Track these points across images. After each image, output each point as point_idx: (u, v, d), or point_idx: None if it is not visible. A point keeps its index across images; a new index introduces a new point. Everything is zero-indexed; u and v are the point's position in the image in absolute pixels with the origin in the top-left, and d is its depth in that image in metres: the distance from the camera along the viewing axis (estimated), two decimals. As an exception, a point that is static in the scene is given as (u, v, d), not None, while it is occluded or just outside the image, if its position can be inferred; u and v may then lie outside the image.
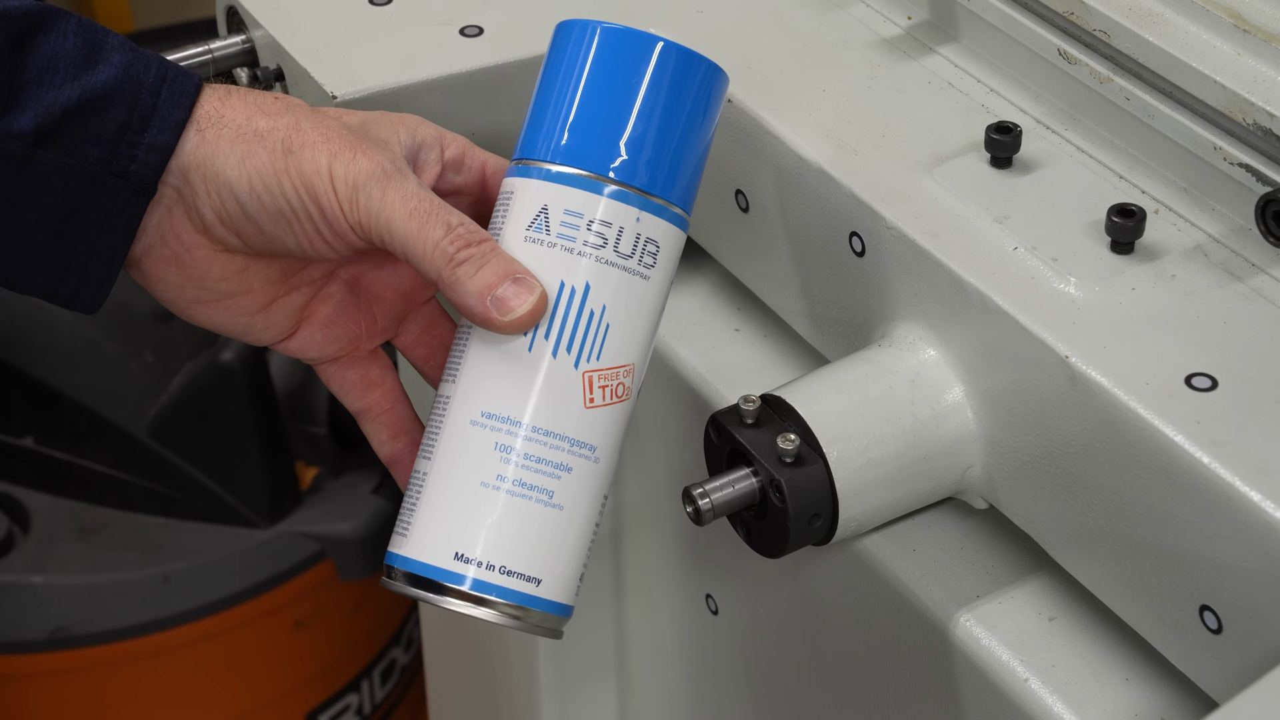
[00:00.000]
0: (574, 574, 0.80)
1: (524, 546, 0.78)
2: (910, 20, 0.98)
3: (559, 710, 1.21)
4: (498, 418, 0.78)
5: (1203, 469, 0.73)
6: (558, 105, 0.80)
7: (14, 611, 1.65)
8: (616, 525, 1.13)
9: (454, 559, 0.78)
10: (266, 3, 1.00)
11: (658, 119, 0.79)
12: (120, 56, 0.78)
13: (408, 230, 0.77)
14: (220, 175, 0.78)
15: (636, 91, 0.79)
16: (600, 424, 0.79)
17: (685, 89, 0.80)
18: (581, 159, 0.79)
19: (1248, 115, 0.82)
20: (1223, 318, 0.79)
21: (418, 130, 0.82)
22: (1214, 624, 0.74)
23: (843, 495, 0.83)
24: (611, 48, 0.80)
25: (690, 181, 0.81)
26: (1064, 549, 0.82)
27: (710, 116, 0.82)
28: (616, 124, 0.79)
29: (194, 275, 0.82)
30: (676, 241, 0.81)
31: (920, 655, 0.88)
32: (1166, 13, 0.86)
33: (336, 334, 0.86)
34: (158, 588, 1.66)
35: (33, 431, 1.73)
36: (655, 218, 0.79)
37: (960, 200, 0.86)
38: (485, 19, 0.99)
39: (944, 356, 0.85)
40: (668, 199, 0.80)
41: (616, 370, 0.79)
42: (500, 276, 0.77)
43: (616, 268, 0.79)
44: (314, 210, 0.78)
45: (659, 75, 0.80)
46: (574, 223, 0.78)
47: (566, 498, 0.79)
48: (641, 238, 0.79)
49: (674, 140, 0.80)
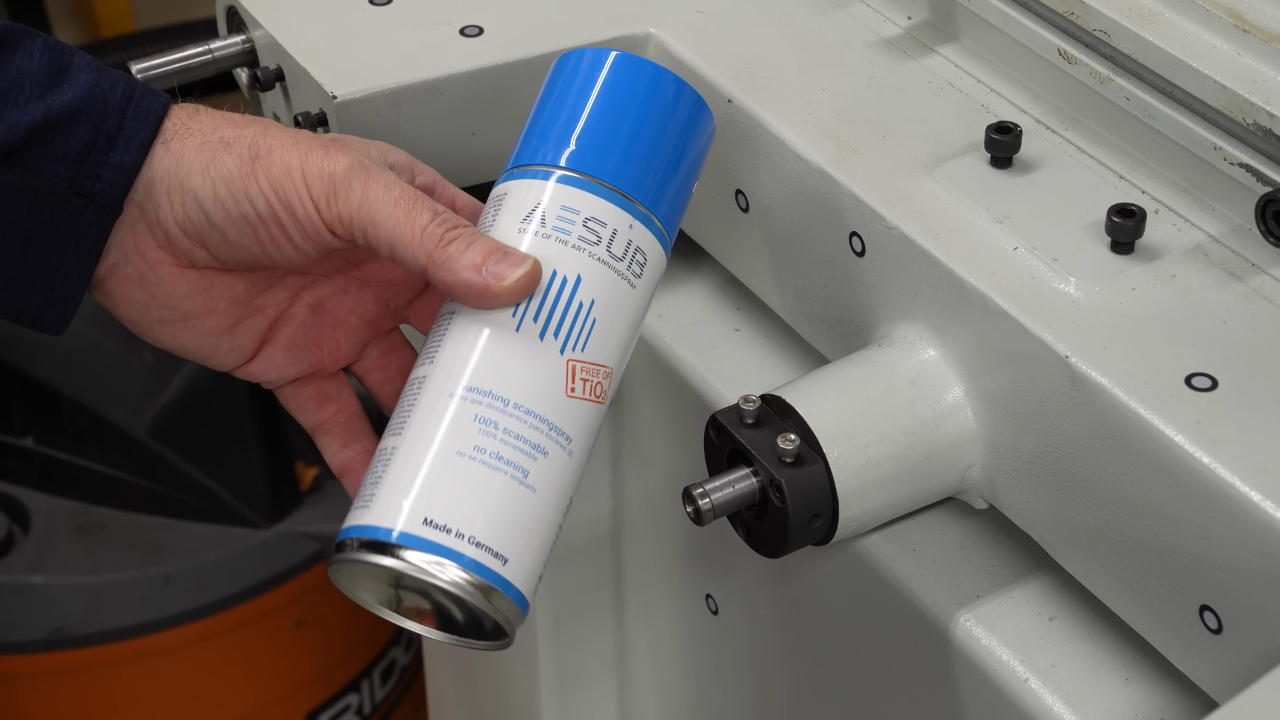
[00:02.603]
0: (538, 564, 0.78)
1: (496, 520, 0.76)
2: (910, 20, 0.98)
3: (559, 710, 1.21)
4: (479, 390, 0.77)
5: (1203, 469, 0.73)
6: (563, 118, 0.81)
7: (14, 611, 1.65)
8: (616, 525, 1.13)
9: (423, 524, 0.75)
10: (266, 3, 1.00)
11: (659, 142, 0.81)
12: (87, 76, 0.77)
13: (393, 217, 0.77)
14: (185, 184, 0.78)
15: (646, 115, 0.81)
16: (578, 416, 0.78)
17: (691, 124, 0.82)
18: (582, 164, 0.79)
19: (1248, 115, 0.82)
20: (1223, 318, 0.79)
21: (390, 153, 0.82)
22: (1214, 624, 0.74)
23: (843, 495, 0.83)
24: (627, 73, 0.82)
25: (676, 206, 0.82)
26: (1064, 549, 0.82)
27: (701, 154, 0.83)
28: (620, 139, 0.80)
29: (158, 294, 0.81)
30: (660, 260, 0.81)
31: (920, 655, 0.88)
32: (1166, 13, 0.86)
33: (298, 357, 0.85)
34: (158, 588, 1.66)
35: (33, 431, 1.73)
36: (646, 229, 0.80)
37: (960, 200, 0.86)
38: (485, 19, 0.99)
39: (944, 356, 0.85)
40: (658, 216, 0.81)
41: (597, 368, 0.79)
42: (491, 250, 0.77)
43: (608, 267, 0.79)
44: (283, 213, 0.77)
45: (667, 103, 0.81)
46: (570, 218, 0.79)
47: (540, 481, 0.77)
48: (633, 245, 0.79)
49: (670, 165, 0.81)
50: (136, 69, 0.99)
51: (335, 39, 0.98)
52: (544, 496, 0.77)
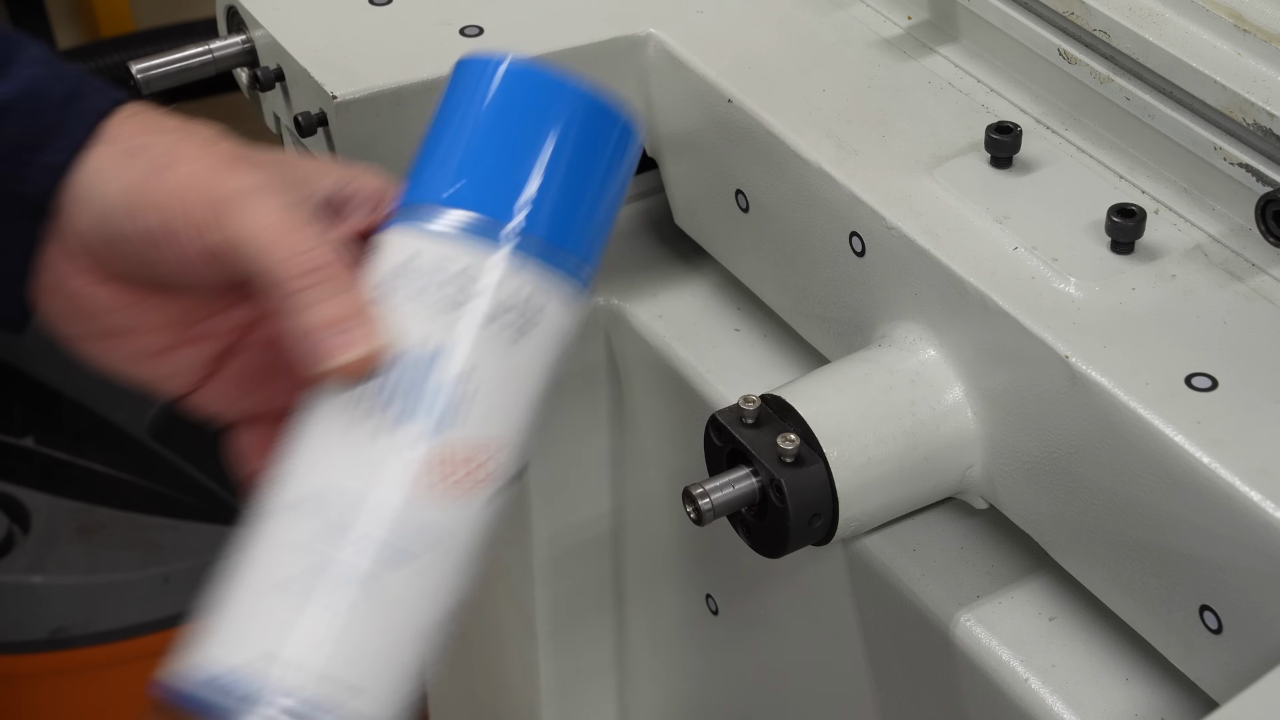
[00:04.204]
0: (400, 686, 0.66)
1: (345, 649, 0.64)
2: (910, 20, 0.98)
3: (559, 710, 1.21)
4: (317, 496, 0.66)
5: (1203, 469, 0.72)
6: (443, 147, 0.71)
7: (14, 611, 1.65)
8: (616, 525, 1.13)
9: (259, 659, 0.64)
10: (266, 3, 1.00)
11: (563, 170, 0.70)
12: (32, 70, 0.72)
13: (261, 240, 0.68)
14: (95, 191, 0.71)
15: (541, 137, 0.70)
16: (449, 512, 0.66)
17: (598, 141, 0.71)
18: (466, 202, 0.69)
19: (1248, 115, 0.82)
20: (1223, 318, 0.79)
21: (358, 178, 0.73)
22: (1214, 624, 0.74)
23: (843, 495, 0.83)
24: (519, 88, 0.71)
25: (591, 244, 0.72)
26: (1064, 549, 0.82)
27: (622, 173, 0.73)
28: (514, 169, 0.70)
29: (78, 306, 0.74)
30: (567, 309, 0.70)
31: (920, 655, 0.88)
32: (1166, 13, 0.86)
33: (247, 392, 0.77)
34: (158, 588, 1.66)
35: (33, 431, 1.73)
36: (546, 278, 0.69)
37: (960, 200, 0.86)
38: (485, 19, 0.99)
39: (944, 356, 0.85)
40: (563, 259, 0.70)
41: (480, 446, 0.67)
42: (348, 314, 0.67)
43: (489, 328, 0.68)
44: (167, 235, 0.70)
45: (569, 122, 0.71)
46: (445, 269, 0.68)
47: (401, 594, 0.65)
48: (524, 297, 0.68)
49: (579, 195, 0.71)
50: (136, 69, 0.99)
51: (335, 39, 0.98)
52: (408, 611, 0.66)
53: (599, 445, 1.09)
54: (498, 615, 1.20)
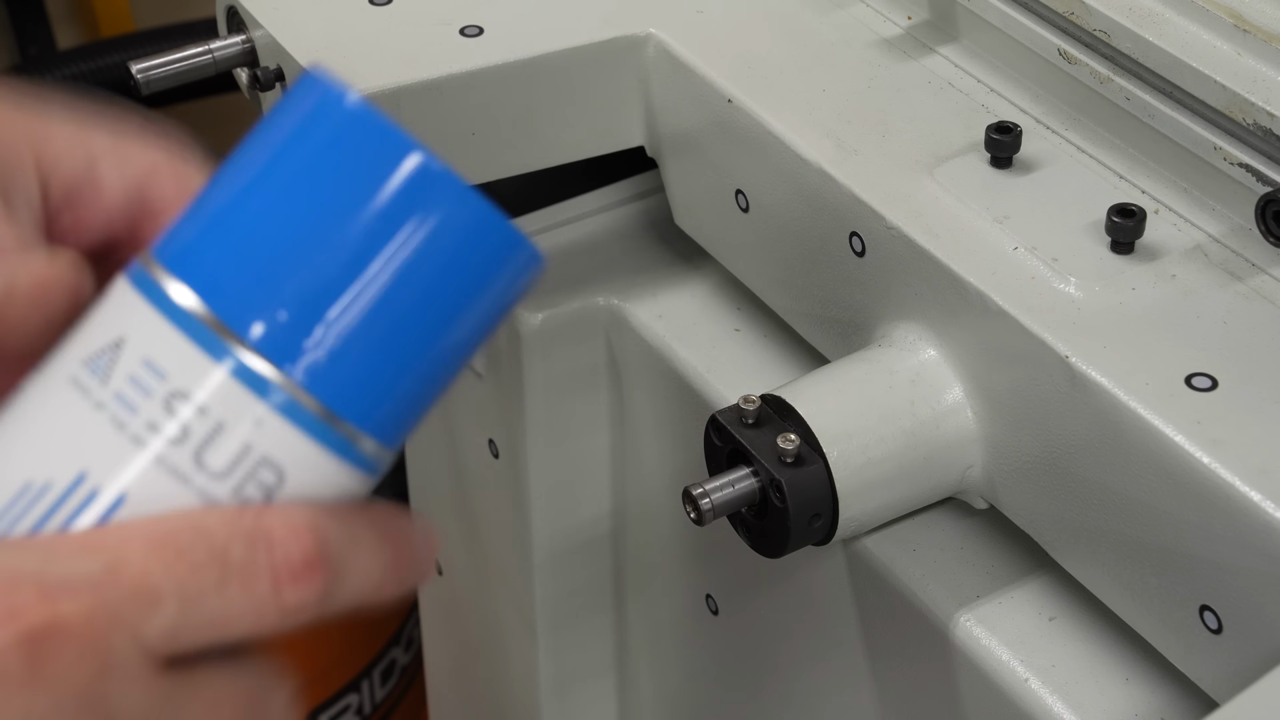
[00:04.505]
0: None
1: None
2: (910, 20, 0.98)
3: (559, 710, 1.21)
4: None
5: (1203, 469, 0.72)
6: (230, 199, 0.49)
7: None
8: (616, 525, 1.13)
9: None
10: (266, 3, 1.00)
11: (403, 301, 0.48)
12: None
13: None
14: None
15: (383, 235, 0.48)
16: None
17: (474, 267, 0.48)
18: (227, 302, 0.48)
19: (1248, 115, 0.82)
20: (1223, 318, 0.79)
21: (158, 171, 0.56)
22: (1214, 624, 0.74)
23: (843, 495, 0.83)
24: (352, 139, 0.48)
25: (410, 403, 0.50)
26: (1064, 549, 0.82)
27: (495, 322, 0.51)
28: (302, 257, 0.48)
29: None
30: (331, 483, 0.50)
31: (920, 655, 0.88)
32: (1166, 13, 0.86)
33: None
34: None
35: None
36: (299, 436, 0.48)
37: (960, 200, 0.86)
38: (485, 19, 0.99)
39: (944, 356, 0.85)
40: (341, 436, 0.49)
41: None
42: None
43: (188, 487, 0.48)
44: None
45: (439, 227, 0.48)
46: (150, 385, 0.48)
47: None
48: (255, 454, 0.48)
49: (411, 347, 0.49)
50: (136, 69, 0.99)
51: (335, 39, 0.98)
52: None
53: (599, 445, 1.09)
54: (498, 615, 1.20)
